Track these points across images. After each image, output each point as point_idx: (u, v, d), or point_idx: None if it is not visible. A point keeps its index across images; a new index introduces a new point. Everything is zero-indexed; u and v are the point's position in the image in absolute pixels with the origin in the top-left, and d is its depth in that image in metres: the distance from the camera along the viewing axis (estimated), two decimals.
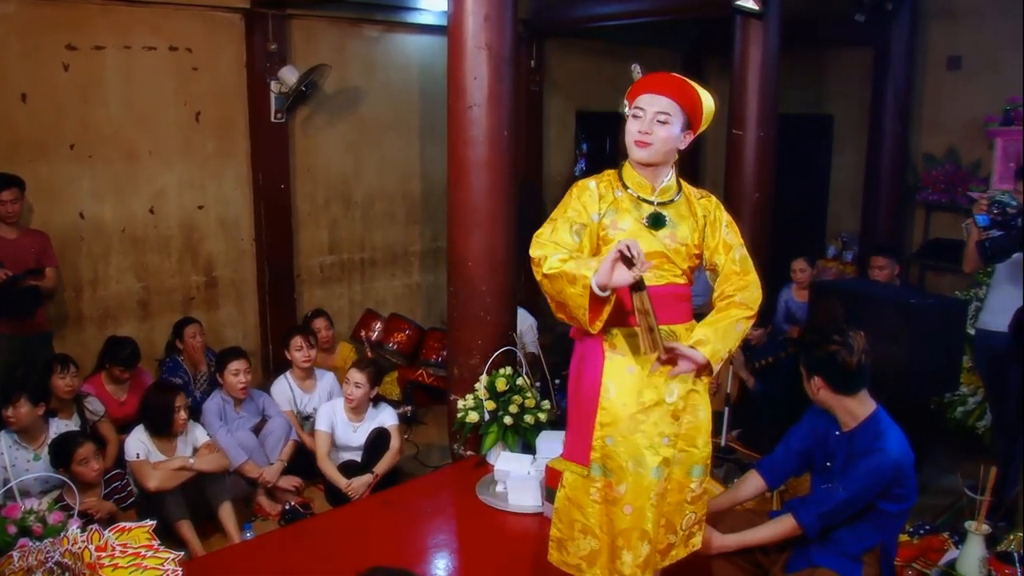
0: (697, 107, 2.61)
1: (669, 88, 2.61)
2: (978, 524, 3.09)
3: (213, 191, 5.88)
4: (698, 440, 2.69)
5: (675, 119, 2.59)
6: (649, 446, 2.60)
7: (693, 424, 2.67)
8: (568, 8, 7.26)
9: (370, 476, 4.58)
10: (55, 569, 2.57)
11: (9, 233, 4.71)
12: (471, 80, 4.27)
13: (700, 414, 2.68)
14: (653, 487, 2.59)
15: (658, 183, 2.67)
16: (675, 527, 2.70)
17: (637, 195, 2.66)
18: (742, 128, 5.99)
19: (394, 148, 6.86)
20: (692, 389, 2.65)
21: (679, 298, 2.68)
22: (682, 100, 2.60)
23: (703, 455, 2.70)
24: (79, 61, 5.14)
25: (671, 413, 2.62)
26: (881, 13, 6.67)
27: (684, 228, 2.65)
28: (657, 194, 2.67)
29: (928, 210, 7.40)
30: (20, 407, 4.02)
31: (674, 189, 2.70)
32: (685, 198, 2.71)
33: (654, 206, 2.65)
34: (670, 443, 2.63)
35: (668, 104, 2.59)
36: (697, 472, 2.69)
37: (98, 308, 5.43)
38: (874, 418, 2.88)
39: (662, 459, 2.60)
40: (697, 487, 2.70)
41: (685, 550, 2.75)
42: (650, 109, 2.59)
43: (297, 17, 6.05)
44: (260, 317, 6.23)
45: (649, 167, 2.66)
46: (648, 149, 2.59)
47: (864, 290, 4.63)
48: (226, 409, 4.75)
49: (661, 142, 2.59)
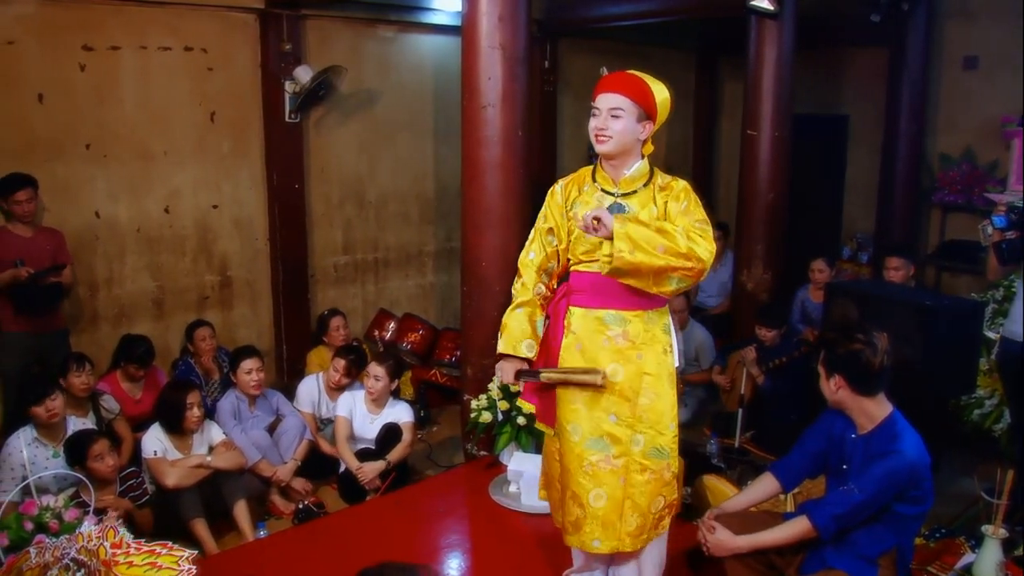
0: (648, 98, 2.80)
1: (619, 85, 2.81)
2: (995, 528, 3.07)
3: (228, 191, 5.90)
4: (658, 424, 2.90)
5: (627, 112, 2.79)
6: (591, 419, 2.90)
7: (650, 407, 2.89)
8: (582, 8, 7.25)
9: (382, 463, 4.61)
10: (71, 566, 2.59)
11: (25, 232, 4.75)
12: (485, 80, 4.27)
13: (657, 399, 2.90)
14: (585, 455, 2.90)
15: (619, 175, 2.89)
16: (642, 508, 2.91)
17: (602, 188, 2.92)
18: (757, 128, 5.96)
19: (408, 148, 6.87)
20: (644, 372, 2.88)
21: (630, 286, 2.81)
22: (632, 94, 2.79)
23: (664, 440, 2.91)
24: (95, 61, 5.16)
25: (618, 393, 2.88)
26: (897, 13, 6.62)
27: (644, 216, 2.82)
28: (619, 185, 2.89)
29: (944, 211, 7.34)
30: (56, 399, 4.08)
31: (640, 179, 2.89)
32: (651, 187, 2.88)
33: (615, 197, 2.88)
34: (619, 422, 2.89)
35: (619, 99, 2.78)
36: (655, 454, 2.90)
37: (113, 307, 5.45)
38: (890, 420, 2.86)
39: (605, 434, 2.89)
40: (663, 472, 2.91)
41: (656, 533, 2.98)
42: (604, 106, 2.80)
43: (312, 17, 6.06)
44: (274, 317, 6.25)
45: (613, 160, 2.88)
46: (607, 143, 2.81)
47: (879, 291, 4.60)
48: (240, 408, 4.77)
49: (617, 135, 2.79)
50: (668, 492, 2.95)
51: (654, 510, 2.93)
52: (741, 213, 6.25)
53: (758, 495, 3.20)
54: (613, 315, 2.88)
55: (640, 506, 2.90)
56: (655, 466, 2.90)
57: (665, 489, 2.94)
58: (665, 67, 8.76)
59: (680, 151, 9.13)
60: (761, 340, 5.41)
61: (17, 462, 4.06)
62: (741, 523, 3.02)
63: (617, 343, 2.88)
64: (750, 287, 6.15)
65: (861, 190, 8.02)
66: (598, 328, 2.90)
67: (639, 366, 2.88)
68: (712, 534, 2.99)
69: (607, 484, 2.89)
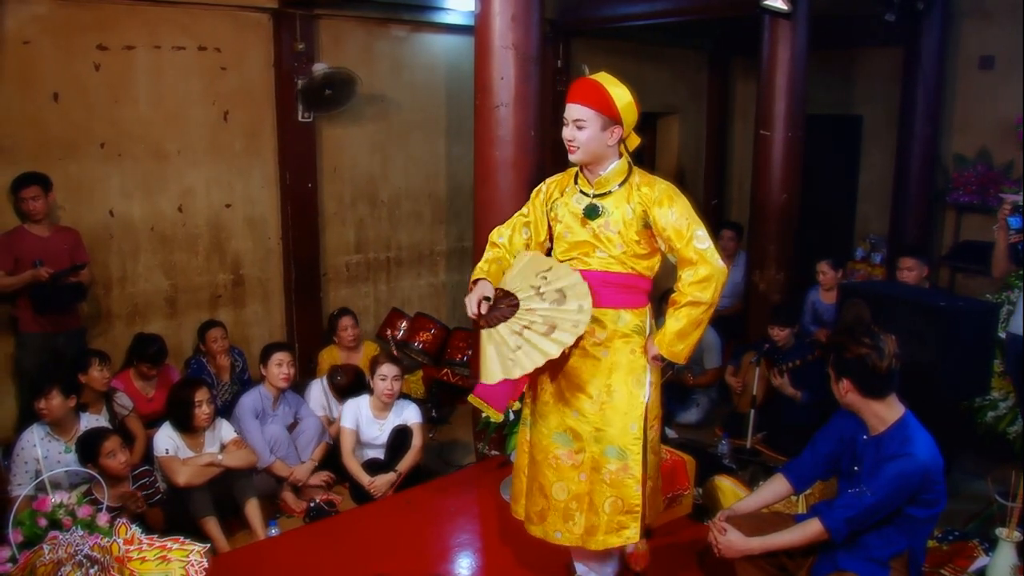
0: (610, 104, 2.81)
1: (580, 96, 2.83)
2: (1009, 531, 3.06)
3: (240, 190, 5.92)
4: (619, 423, 2.92)
5: (590, 122, 2.81)
6: (557, 411, 2.98)
7: (611, 406, 2.92)
8: (594, 8, 7.24)
9: (393, 475, 4.59)
10: (84, 562, 2.60)
11: (42, 231, 4.78)
12: (498, 80, 4.27)
13: (620, 399, 2.92)
14: (551, 448, 2.98)
15: (595, 176, 2.92)
16: (596, 507, 2.94)
17: (580, 190, 2.97)
18: (769, 129, 5.95)
19: (421, 148, 6.88)
20: (610, 370, 2.93)
21: (607, 284, 2.91)
22: (592, 103, 2.81)
23: (624, 440, 2.91)
24: (110, 61, 5.19)
25: (581, 389, 2.94)
26: (912, 12, 6.58)
27: (617, 216, 2.87)
28: (594, 186, 2.93)
29: (959, 212, 7.30)
30: (52, 399, 4.10)
31: (615, 179, 2.91)
32: (628, 186, 2.90)
33: (591, 198, 2.92)
34: (580, 418, 2.95)
35: (580, 110, 2.82)
36: (612, 453, 2.92)
37: (127, 305, 5.48)
38: (902, 422, 2.85)
39: (568, 428, 2.96)
40: (619, 471, 2.91)
41: (617, 539, 2.96)
42: (569, 118, 2.85)
43: (325, 17, 6.07)
44: (286, 316, 6.27)
45: (587, 165, 2.92)
46: (576, 152, 2.86)
47: (893, 292, 4.58)
48: (264, 405, 4.78)
49: (584, 143, 2.83)
50: (626, 495, 2.92)
51: (608, 511, 2.93)
52: (754, 213, 6.23)
53: (769, 497, 3.19)
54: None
55: (595, 504, 2.94)
56: (611, 465, 2.92)
57: (623, 491, 2.92)
58: (678, 67, 8.78)
59: (693, 151, 9.11)
60: (774, 340, 5.39)
61: (30, 456, 4.10)
62: (752, 525, 3.01)
63: (584, 340, 2.89)
64: (762, 287, 6.13)
65: (875, 191, 7.98)
66: None
67: (604, 364, 2.93)
68: (723, 535, 2.99)
69: (568, 479, 2.97)
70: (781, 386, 5.25)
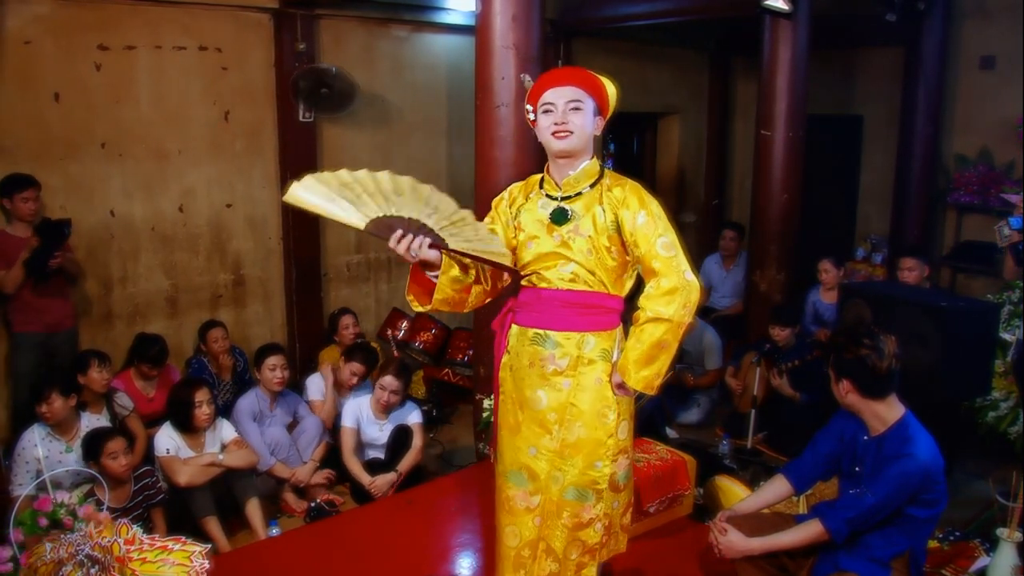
0: (602, 91, 2.62)
1: (572, 78, 2.61)
2: (1010, 531, 3.06)
3: (241, 190, 5.92)
4: (576, 459, 2.62)
5: (586, 104, 2.58)
6: (512, 447, 2.70)
7: (574, 443, 2.62)
8: (595, 8, 7.24)
9: (394, 475, 4.60)
10: (85, 562, 2.60)
11: (24, 232, 4.68)
12: (499, 80, 4.27)
13: (585, 433, 2.62)
14: (503, 488, 2.72)
15: (563, 176, 2.65)
16: (556, 554, 2.67)
17: (546, 193, 2.68)
18: (770, 129, 5.94)
19: (421, 148, 6.87)
20: (571, 402, 2.62)
21: (569, 304, 2.62)
22: (587, 86, 2.60)
23: (588, 479, 2.63)
24: (111, 61, 5.19)
25: (539, 423, 2.64)
26: (912, 12, 6.58)
27: (587, 220, 2.59)
28: (562, 188, 2.65)
29: (960, 212, 7.30)
30: (53, 402, 4.10)
31: (586, 180, 2.64)
32: (599, 188, 2.63)
33: (558, 201, 2.64)
34: (538, 455, 2.65)
35: (576, 91, 2.58)
36: (572, 495, 2.63)
37: (127, 305, 5.48)
38: (903, 423, 2.85)
39: (523, 467, 2.66)
40: (582, 512, 2.64)
41: None
42: (560, 101, 2.57)
43: (326, 17, 6.07)
44: (287, 315, 6.27)
45: (564, 161, 2.63)
46: (568, 138, 2.57)
47: (893, 293, 4.57)
48: (261, 407, 4.78)
49: (579, 128, 2.57)
50: (588, 536, 2.67)
51: (572, 556, 2.68)
52: (755, 213, 6.23)
53: (770, 497, 3.19)
54: (543, 335, 2.64)
55: (554, 551, 2.67)
56: (572, 509, 2.64)
57: (584, 533, 2.66)
58: (679, 67, 8.77)
59: (693, 151, 9.11)
60: (775, 340, 5.39)
61: (32, 456, 4.09)
62: (753, 525, 3.01)
63: (544, 367, 2.63)
64: (763, 287, 6.13)
65: (875, 191, 7.98)
66: (527, 349, 2.68)
67: (566, 395, 2.62)
68: (724, 536, 2.99)
69: (521, 523, 2.69)
70: (780, 387, 5.25)
